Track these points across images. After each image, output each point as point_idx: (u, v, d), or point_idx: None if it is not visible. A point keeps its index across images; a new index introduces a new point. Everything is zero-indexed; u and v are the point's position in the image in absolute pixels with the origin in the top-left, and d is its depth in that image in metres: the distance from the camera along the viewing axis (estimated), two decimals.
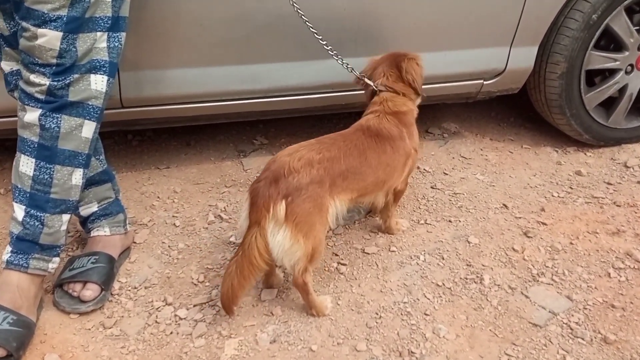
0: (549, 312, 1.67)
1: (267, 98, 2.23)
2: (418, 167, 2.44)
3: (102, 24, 1.53)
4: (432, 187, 2.33)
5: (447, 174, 2.44)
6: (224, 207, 2.20)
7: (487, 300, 1.72)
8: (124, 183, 2.35)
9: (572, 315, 1.66)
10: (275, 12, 2.03)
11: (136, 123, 2.26)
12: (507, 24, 2.26)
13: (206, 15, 1.98)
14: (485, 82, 2.40)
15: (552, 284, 1.78)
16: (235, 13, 2.00)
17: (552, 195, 2.29)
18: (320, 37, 1.90)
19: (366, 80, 1.91)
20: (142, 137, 2.73)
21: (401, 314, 1.66)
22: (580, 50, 2.32)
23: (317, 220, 1.55)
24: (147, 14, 1.91)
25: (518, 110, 2.97)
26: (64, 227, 1.59)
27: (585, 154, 2.62)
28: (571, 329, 1.62)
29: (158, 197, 2.26)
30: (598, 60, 2.39)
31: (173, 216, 2.15)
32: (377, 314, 1.66)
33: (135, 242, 1.98)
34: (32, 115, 1.49)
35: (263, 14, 2.03)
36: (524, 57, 2.36)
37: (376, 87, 1.88)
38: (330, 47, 1.93)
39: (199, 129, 2.73)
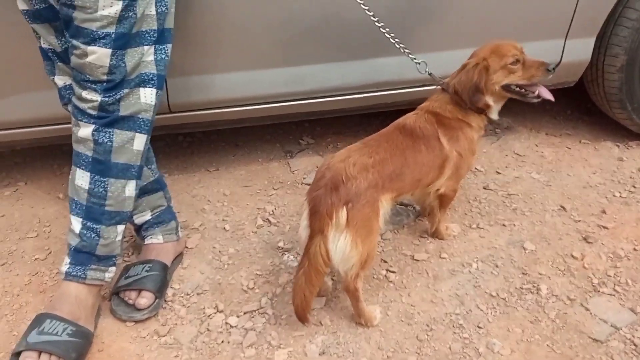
0: (611, 326, 1.59)
1: (312, 99, 2.22)
2: None
3: (149, 37, 1.55)
4: (484, 188, 2.26)
5: (500, 173, 2.36)
6: (272, 211, 2.21)
7: (545, 312, 1.65)
8: (175, 186, 2.40)
9: (637, 330, 1.57)
10: (318, 15, 2.01)
11: (184, 127, 2.30)
12: (561, 15, 2.16)
13: (250, 19, 1.98)
14: None
15: (614, 295, 1.69)
16: (279, 16, 1.99)
17: (614, 196, 2.17)
18: (391, 35, 1.87)
19: (433, 75, 1.88)
20: (192, 138, 2.77)
21: (453, 327, 1.62)
22: None
23: (374, 224, 1.57)
24: (192, 21, 1.92)
25: (575, 103, 2.83)
26: (119, 238, 1.63)
27: None
28: (635, 345, 1.53)
29: (208, 201, 2.29)
30: None
31: (223, 220, 2.17)
32: (428, 325, 1.63)
33: (187, 247, 2.01)
34: (85, 130, 1.53)
35: (307, 16, 2.01)
36: (580, 49, 2.24)
37: (441, 84, 1.83)
38: (402, 45, 1.89)
39: (246, 129, 2.74)
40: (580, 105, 2.80)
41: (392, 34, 1.87)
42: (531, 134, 2.65)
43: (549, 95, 1.77)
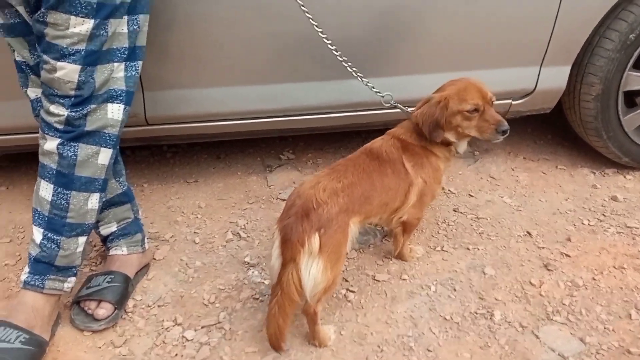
0: (558, 354, 1.60)
1: (288, 117, 2.25)
2: (443, 188, 2.39)
3: (119, 54, 1.59)
4: (454, 210, 2.28)
5: (472, 196, 2.38)
6: (244, 225, 2.24)
7: (495, 338, 1.66)
8: (153, 196, 2.44)
9: None
10: (294, 35, 2.04)
11: (161, 139, 2.34)
12: (536, 43, 2.17)
13: (227, 37, 2.02)
14: (513, 102, 2.32)
15: (566, 324, 1.70)
16: (256, 35, 2.03)
17: (582, 223, 2.18)
18: (354, 69, 1.89)
19: (399, 106, 1.90)
20: (176, 149, 2.82)
21: (403, 349, 1.64)
22: (617, 71, 2.20)
23: (343, 249, 1.58)
24: (170, 37, 1.97)
25: (556, 127, 2.85)
26: (80, 249, 1.66)
27: (624, 177, 2.48)
28: None
29: (183, 212, 2.33)
30: (637, 81, 2.26)
31: (194, 232, 2.20)
32: (379, 347, 1.65)
33: (155, 259, 2.05)
34: (51, 144, 1.57)
35: (283, 35, 2.05)
36: (556, 77, 2.26)
37: (407, 115, 1.85)
38: (365, 79, 1.90)
39: (229, 142, 2.79)
40: (561, 130, 2.82)
41: (355, 69, 1.88)
42: (509, 157, 2.67)
43: None
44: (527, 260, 1.98)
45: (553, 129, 2.87)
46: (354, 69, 1.89)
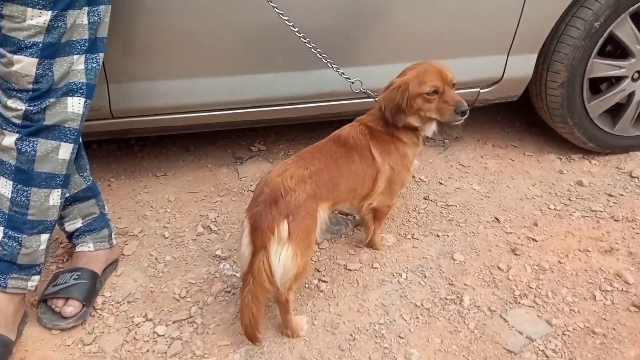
0: (526, 337, 1.63)
1: (257, 108, 2.23)
2: (413, 177, 2.41)
3: (79, 47, 1.55)
4: (424, 198, 2.30)
5: (442, 184, 2.40)
6: (215, 218, 2.21)
7: (465, 323, 1.69)
8: (120, 191, 2.40)
9: (550, 342, 1.61)
10: (262, 24, 2.02)
11: (128, 132, 2.30)
12: (503, 31, 2.19)
13: (193, 27, 1.98)
14: (481, 91, 2.34)
15: (533, 307, 1.74)
16: (223, 25, 2.00)
17: (549, 208, 2.22)
18: (324, 56, 1.90)
19: (368, 92, 1.91)
20: (144, 142, 2.77)
21: (375, 336, 1.65)
22: (582, 58, 2.24)
23: (313, 236, 1.59)
24: (136, 26, 1.92)
25: (524, 114, 2.89)
26: (42, 247, 1.62)
27: (590, 162, 2.53)
28: (547, 356, 1.57)
29: (151, 207, 2.30)
30: (601, 68, 2.30)
31: (164, 227, 2.17)
32: (352, 335, 1.66)
33: (124, 254, 2.01)
34: (9, 139, 1.52)
35: (250, 25, 2.02)
36: (522, 65, 2.29)
37: (375, 99, 1.86)
38: (331, 60, 1.91)
39: (199, 134, 2.75)
40: (529, 117, 2.86)
41: (324, 55, 1.89)
42: (478, 145, 2.70)
43: None
44: (495, 246, 2.01)
45: (521, 117, 2.91)
46: (324, 55, 1.88)
